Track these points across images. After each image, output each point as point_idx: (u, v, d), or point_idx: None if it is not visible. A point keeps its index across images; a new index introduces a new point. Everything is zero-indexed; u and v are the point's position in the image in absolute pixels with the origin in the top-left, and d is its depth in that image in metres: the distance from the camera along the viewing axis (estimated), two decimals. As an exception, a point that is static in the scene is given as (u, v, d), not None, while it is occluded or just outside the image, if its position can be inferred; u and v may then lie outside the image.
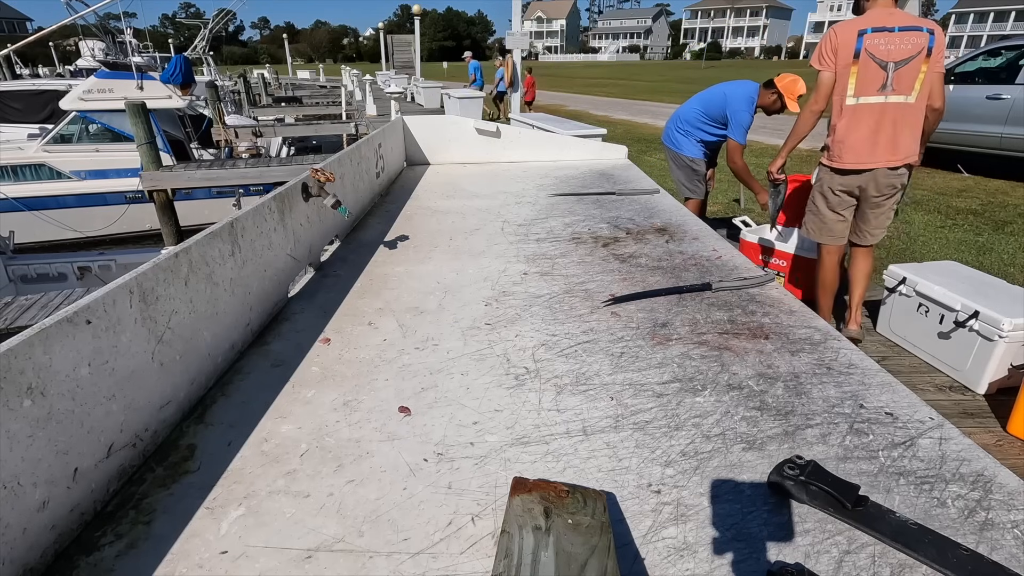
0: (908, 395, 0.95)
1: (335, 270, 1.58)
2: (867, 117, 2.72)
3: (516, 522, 0.65)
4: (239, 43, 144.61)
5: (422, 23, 19.89)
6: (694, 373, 1.03)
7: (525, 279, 1.48)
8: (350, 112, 14.64)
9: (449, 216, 2.10)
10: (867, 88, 2.70)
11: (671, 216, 2.04)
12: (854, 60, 2.69)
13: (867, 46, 2.68)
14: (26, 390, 0.63)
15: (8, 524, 0.60)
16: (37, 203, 9.06)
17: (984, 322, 2.72)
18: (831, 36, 2.75)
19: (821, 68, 2.80)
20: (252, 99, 19.78)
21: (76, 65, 21.57)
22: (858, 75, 2.70)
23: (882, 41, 2.67)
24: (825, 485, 0.72)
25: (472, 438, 0.87)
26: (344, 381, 1.02)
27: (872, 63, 2.69)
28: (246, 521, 0.72)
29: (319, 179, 1.51)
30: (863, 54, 2.68)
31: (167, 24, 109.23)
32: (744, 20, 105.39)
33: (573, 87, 28.80)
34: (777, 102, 3.67)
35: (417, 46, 20.56)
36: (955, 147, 7.71)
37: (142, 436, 0.82)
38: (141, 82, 9.42)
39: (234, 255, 1.11)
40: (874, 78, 2.68)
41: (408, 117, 3.09)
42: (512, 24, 7.13)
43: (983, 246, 5.15)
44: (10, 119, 11.13)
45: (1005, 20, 64.20)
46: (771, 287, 1.42)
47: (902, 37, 2.66)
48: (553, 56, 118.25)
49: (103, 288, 0.77)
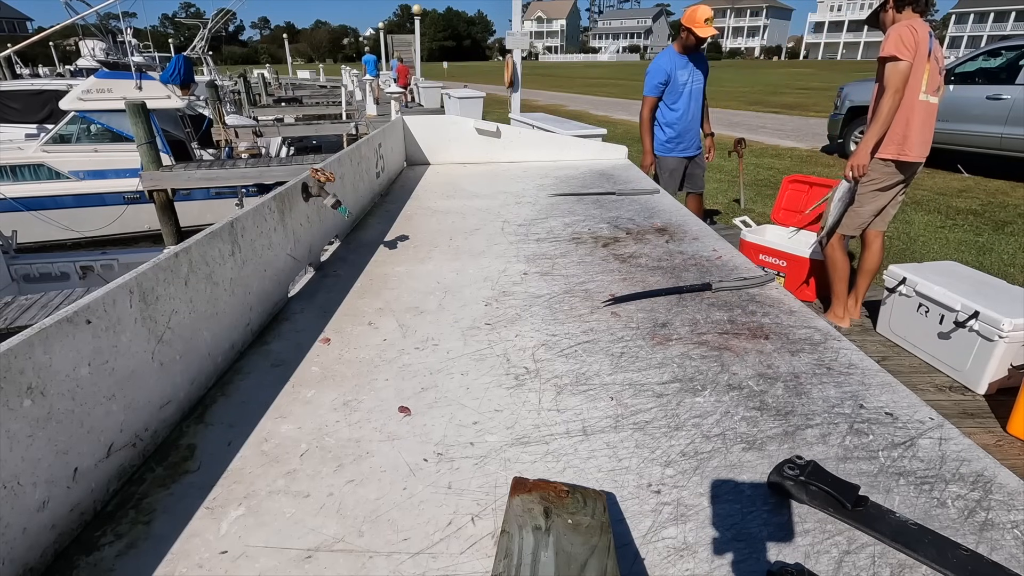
0: (908, 395, 0.95)
1: (335, 270, 1.58)
2: (930, 114, 2.93)
3: (516, 522, 0.65)
4: (239, 43, 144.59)
5: (422, 23, 19.89)
6: (694, 373, 1.03)
7: (525, 279, 1.48)
8: (350, 112, 14.64)
9: (449, 216, 2.09)
10: (931, 87, 2.88)
11: (671, 216, 2.04)
12: (928, 58, 2.81)
13: (933, 47, 2.84)
14: (26, 390, 0.63)
15: (8, 524, 0.60)
16: (35, 203, 9.06)
17: (984, 322, 2.72)
18: (910, 31, 2.77)
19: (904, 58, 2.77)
20: (252, 99, 19.77)
21: (76, 65, 21.56)
22: (929, 74, 2.85)
23: (936, 45, 2.87)
24: (825, 485, 0.72)
25: (472, 438, 0.87)
26: (344, 381, 1.02)
27: (935, 65, 2.88)
28: (246, 521, 0.72)
29: (319, 179, 1.51)
30: (932, 56, 2.83)
31: (167, 24, 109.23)
32: (744, 20, 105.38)
33: (573, 87, 28.79)
34: (690, 37, 3.76)
35: (417, 46, 20.55)
36: (955, 147, 7.71)
37: (142, 436, 0.82)
38: (140, 82, 9.42)
39: (234, 255, 1.11)
40: (934, 79, 2.88)
41: (408, 117, 3.09)
42: (512, 24, 7.13)
43: (983, 246, 5.15)
44: (9, 119, 11.13)
45: (1005, 20, 64.17)
46: (771, 287, 1.42)
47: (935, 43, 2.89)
48: (553, 56, 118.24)
49: (103, 288, 0.77)
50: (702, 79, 3.99)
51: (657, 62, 3.98)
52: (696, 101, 4.00)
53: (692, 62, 3.91)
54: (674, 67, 3.90)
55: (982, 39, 60.52)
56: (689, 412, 0.92)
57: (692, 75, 3.94)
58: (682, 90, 3.92)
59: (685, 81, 3.92)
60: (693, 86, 3.96)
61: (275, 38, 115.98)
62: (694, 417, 0.91)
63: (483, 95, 12.08)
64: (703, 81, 4.00)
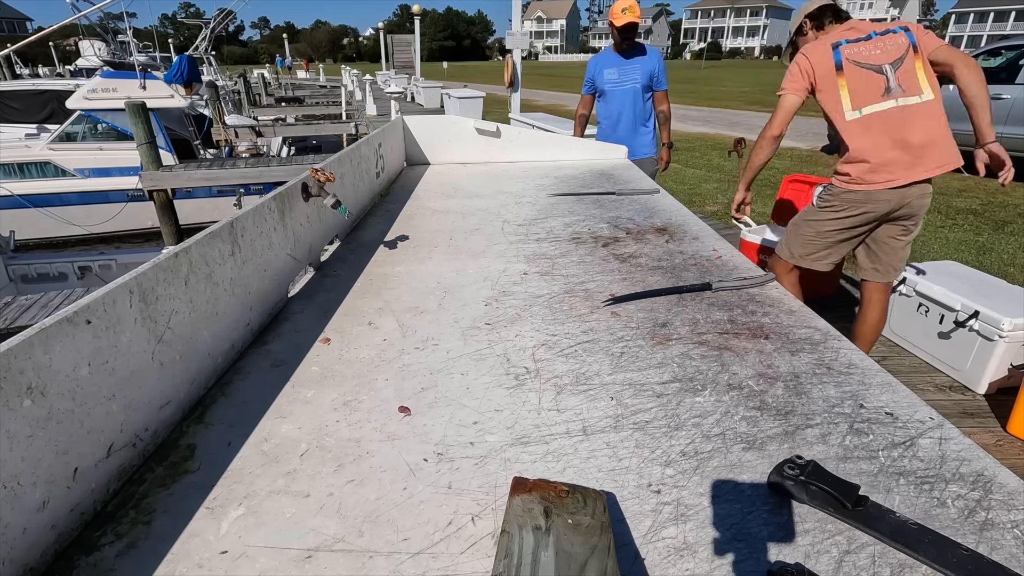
0: (908, 395, 0.95)
1: (335, 270, 1.58)
2: (884, 127, 2.28)
3: (516, 522, 0.65)
4: (239, 43, 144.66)
5: (422, 23, 19.92)
6: (694, 373, 1.03)
7: (525, 279, 1.48)
8: (350, 112, 14.65)
9: (449, 216, 2.09)
10: (867, 97, 2.30)
11: (671, 216, 2.04)
12: (838, 72, 2.32)
13: (848, 55, 2.32)
14: (26, 390, 0.63)
15: (8, 524, 0.60)
16: (41, 200, 9.19)
17: (984, 322, 2.72)
18: (800, 59, 2.42)
19: (784, 90, 2.45)
20: (252, 99, 19.79)
21: (76, 65, 21.59)
22: (849, 87, 2.31)
23: (864, 48, 2.32)
24: (825, 485, 0.72)
25: (472, 438, 0.87)
26: (344, 381, 1.02)
27: (861, 69, 2.30)
28: (246, 521, 0.72)
29: (319, 179, 1.51)
30: (846, 64, 2.31)
31: (167, 24, 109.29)
32: (744, 20, 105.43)
33: (573, 87, 28.79)
34: (613, 31, 3.63)
35: (417, 46, 20.58)
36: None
37: (142, 436, 0.82)
38: (144, 82, 9.46)
39: (234, 255, 1.11)
40: (872, 84, 2.28)
41: (408, 117, 3.09)
42: (512, 24, 7.13)
43: (983, 246, 5.15)
44: (10, 119, 11.17)
45: (1005, 20, 64.21)
46: (771, 287, 1.42)
47: (883, 40, 2.31)
48: (553, 56, 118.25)
49: (103, 288, 0.77)
50: (640, 78, 3.67)
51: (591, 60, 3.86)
52: (631, 102, 3.72)
53: (629, 59, 3.68)
54: (601, 66, 3.75)
55: (982, 39, 60.54)
56: (689, 412, 0.92)
57: (624, 74, 3.69)
58: (610, 89, 3.73)
59: (614, 80, 3.71)
60: (627, 85, 3.70)
61: (275, 38, 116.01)
62: (694, 417, 0.91)
63: (483, 95, 12.10)
64: (641, 81, 3.68)
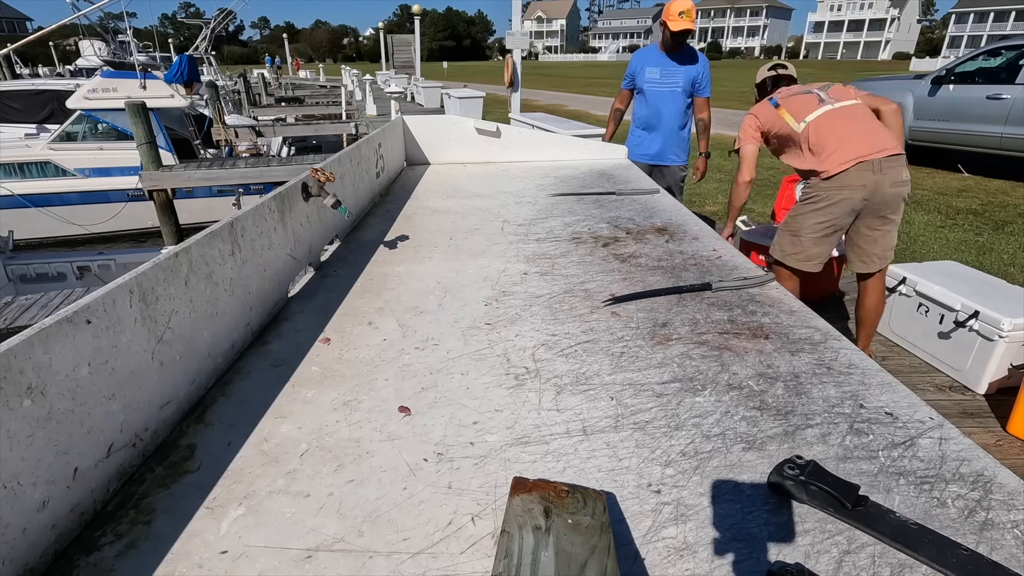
0: (908, 395, 0.95)
1: (335, 270, 1.58)
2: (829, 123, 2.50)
3: (516, 522, 0.65)
4: (239, 43, 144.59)
5: (422, 23, 19.92)
6: (694, 373, 1.03)
7: (525, 279, 1.48)
8: (350, 112, 14.65)
9: (449, 216, 2.09)
10: (806, 111, 2.55)
11: (671, 216, 2.04)
12: (777, 109, 2.66)
13: (781, 97, 2.69)
14: (26, 390, 0.63)
15: (8, 524, 0.60)
16: (41, 199, 9.19)
17: (984, 322, 2.72)
18: (748, 118, 2.76)
19: (743, 143, 2.75)
20: (252, 99, 19.79)
21: (76, 65, 21.59)
22: (789, 111, 2.61)
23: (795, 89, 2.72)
24: (825, 485, 0.72)
25: (472, 438, 0.87)
26: (344, 381, 1.02)
27: (795, 97, 2.64)
28: (246, 521, 0.72)
29: (319, 179, 1.51)
30: (782, 101, 2.66)
31: (167, 24, 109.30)
32: (744, 20, 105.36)
33: (573, 87, 28.77)
34: (666, 32, 3.57)
35: (417, 46, 20.57)
36: (955, 147, 7.71)
37: (142, 436, 0.82)
38: (144, 81, 9.47)
39: (234, 255, 1.11)
40: (807, 102, 2.58)
41: (408, 117, 3.08)
42: (512, 24, 7.13)
43: (983, 246, 5.15)
44: (10, 119, 11.16)
45: (1005, 20, 64.21)
46: (771, 287, 1.42)
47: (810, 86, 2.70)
48: (553, 56, 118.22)
49: (103, 288, 0.77)
50: (682, 82, 3.63)
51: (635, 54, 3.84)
52: (671, 103, 3.67)
53: (675, 61, 3.61)
54: (644, 63, 3.70)
55: (982, 39, 60.54)
56: (689, 412, 0.92)
57: (666, 75, 3.64)
58: (648, 89, 3.69)
59: (655, 79, 3.66)
60: (665, 87, 3.65)
61: (275, 38, 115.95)
62: (694, 417, 0.91)
63: (483, 95, 12.09)
64: (683, 84, 3.63)
